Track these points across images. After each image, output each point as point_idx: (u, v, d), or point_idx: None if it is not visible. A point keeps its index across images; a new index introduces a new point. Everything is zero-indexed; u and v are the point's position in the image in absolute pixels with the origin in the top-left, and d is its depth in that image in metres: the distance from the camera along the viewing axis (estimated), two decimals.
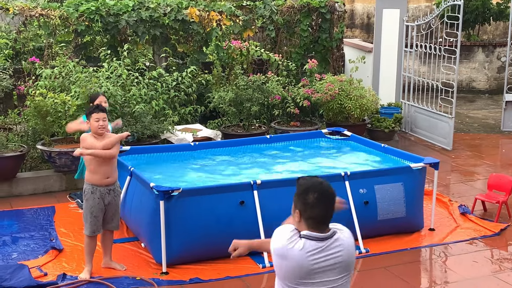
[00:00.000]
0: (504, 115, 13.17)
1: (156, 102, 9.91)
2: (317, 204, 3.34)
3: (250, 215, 6.82)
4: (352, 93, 11.33)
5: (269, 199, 6.93)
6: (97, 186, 6.35)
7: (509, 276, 6.62)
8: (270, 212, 6.86)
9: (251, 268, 6.68)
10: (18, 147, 9.28)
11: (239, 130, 10.85)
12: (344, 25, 13.23)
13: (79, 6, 11.02)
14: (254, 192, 6.88)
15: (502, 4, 17.17)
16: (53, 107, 9.11)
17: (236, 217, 6.79)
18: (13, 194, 9.05)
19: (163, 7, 11.41)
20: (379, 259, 6.98)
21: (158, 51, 11.88)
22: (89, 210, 6.38)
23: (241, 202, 6.82)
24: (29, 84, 9.92)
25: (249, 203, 6.85)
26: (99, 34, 11.22)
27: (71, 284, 6.31)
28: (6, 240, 7.36)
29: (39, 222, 8.01)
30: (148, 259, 6.91)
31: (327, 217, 3.39)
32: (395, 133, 12.01)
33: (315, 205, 3.34)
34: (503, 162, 11.08)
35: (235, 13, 11.90)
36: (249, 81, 11.04)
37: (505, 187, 8.40)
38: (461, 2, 11.41)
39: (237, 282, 6.40)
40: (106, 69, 9.85)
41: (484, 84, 17.45)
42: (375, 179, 7.43)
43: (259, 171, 8.07)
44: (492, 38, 19.32)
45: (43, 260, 6.84)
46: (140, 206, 7.03)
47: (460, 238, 7.60)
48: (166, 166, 8.29)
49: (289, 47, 12.95)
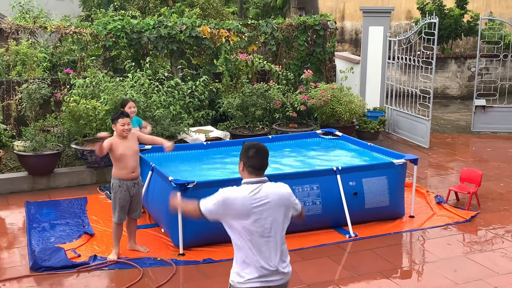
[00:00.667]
0: (474, 117, 13.15)
1: (173, 107, 9.93)
2: (255, 156, 3.92)
3: None
4: (342, 99, 11.32)
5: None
6: (124, 180, 6.36)
7: (478, 256, 6.62)
8: None
9: None
10: (55, 146, 9.31)
11: (245, 131, 10.85)
12: (335, 40, 13.21)
13: (107, 24, 11.05)
14: None
15: (472, 22, 17.15)
16: (85, 112, 9.13)
17: None
18: (51, 186, 9.07)
19: (179, 25, 11.43)
20: (366, 242, 6.98)
21: (175, 63, 11.90)
22: (117, 201, 6.39)
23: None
24: (64, 92, 9.92)
25: None
26: (124, 48, 11.24)
27: (101, 264, 6.33)
28: (45, 226, 7.40)
29: (73, 210, 8.05)
30: (167, 242, 6.93)
31: (263, 166, 3.97)
32: (379, 134, 12.00)
33: (253, 157, 3.91)
34: (473, 158, 11.07)
35: (241, 30, 11.92)
36: (254, 89, 11.04)
37: (475, 179, 8.40)
38: (437, 20, 11.40)
39: None
40: (131, 79, 9.88)
41: (457, 91, 17.42)
42: (362, 173, 7.43)
43: None
44: (463, 51, 19.28)
45: (77, 244, 6.87)
46: (160, 197, 7.05)
47: (436, 224, 7.60)
48: (182, 162, 8.31)
49: (288, 59, 12.94)
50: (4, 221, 7.81)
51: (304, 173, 7.22)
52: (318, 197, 7.12)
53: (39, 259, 6.29)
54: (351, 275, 6.15)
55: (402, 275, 6.16)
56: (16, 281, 5.97)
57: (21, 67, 10.95)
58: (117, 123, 6.29)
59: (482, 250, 6.83)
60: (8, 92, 10.47)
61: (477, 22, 16.72)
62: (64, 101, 9.44)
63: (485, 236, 7.26)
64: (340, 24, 20.91)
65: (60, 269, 6.17)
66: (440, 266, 6.39)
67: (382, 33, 12.66)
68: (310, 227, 7.15)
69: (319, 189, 7.13)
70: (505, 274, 6.15)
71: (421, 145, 11.79)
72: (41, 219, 7.66)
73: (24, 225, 7.53)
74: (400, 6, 20.49)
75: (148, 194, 7.41)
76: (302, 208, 4.25)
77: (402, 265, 6.49)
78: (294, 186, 7.04)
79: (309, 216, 7.03)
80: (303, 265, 6.36)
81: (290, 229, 7.07)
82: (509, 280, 5.91)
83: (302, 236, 7.04)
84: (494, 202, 8.50)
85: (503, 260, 6.52)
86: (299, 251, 6.68)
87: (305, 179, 7.12)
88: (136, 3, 19.75)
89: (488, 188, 9.02)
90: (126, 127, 6.29)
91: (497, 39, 14.42)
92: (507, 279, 5.99)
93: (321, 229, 7.22)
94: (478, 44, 12.99)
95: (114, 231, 6.52)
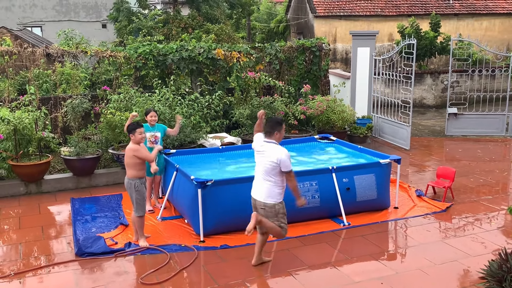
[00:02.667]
0: (447, 123, 13.07)
1: (194, 117, 9.94)
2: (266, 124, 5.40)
3: None
4: (336, 109, 11.30)
5: None
6: (142, 178, 6.40)
7: (452, 241, 6.57)
8: None
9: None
10: (95, 151, 9.33)
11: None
12: (329, 59, 13.19)
13: (138, 49, 11.09)
14: None
15: (444, 42, 17.09)
16: (119, 122, 9.15)
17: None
18: (91, 185, 9.10)
19: (198, 49, 11.44)
20: (358, 230, 6.95)
21: (195, 81, 11.92)
22: (144, 196, 6.41)
23: None
24: (102, 106, 9.98)
25: None
26: (152, 69, 11.26)
27: (135, 250, 6.34)
28: (88, 219, 7.41)
29: (111, 205, 8.06)
30: (190, 231, 6.92)
31: (266, 132, 5.52)
32: (367, 138, 11.96)
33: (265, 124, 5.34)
34: (447, 158, 11.01)
35: (250, 52, 11.92)
36: (261, 101, 11.03)
37: (449, 176, 8.36)
38: (415, 42, 11.37)
39: (255, 248, 6.39)
40: (157, 94, 9.89)
41: (432, 101, 17.34)
42: (354, 171, 7.41)
43: None
44: (437, 67, 19.23)
45: (114, 233, 6.88)
46: (183, 193, 7.05)
47: (417, 214, 7.56)
48: (202, 164, 8.30)
49: (289, 76, 12.93)
50: (52, 214, 7.83)
51: (305, 172, 7.20)
52: (317, 192, 7.10)
53: (83, 246, 6.31)
54: (345, 258, 6.12)
55: (388, 257, 6.13)
56: (64, 265, 5.99)
57: (66, 85, 11.00)
58: (135, 133, 6.29)
59: (456, 235, 6.78)
60: (55, 106, 10.52)
61: (449, 43, 16.67)
62: (102, 113, 9.48)
63: (458, 224, 7.21)
64: (333, 46, 20.89)
65: (100, 255, 6.18)
66: (421, 249, 6.35)
67: (368, 53, 12.63)
68: (310, 217, 7.14)
69: (317, 185, 7.11)
70: (476, 256, 6.10)
71: (403, 147, 11.73)
72: (84, 212, 7.68)
73: (69, 217, 7.55)
74: (383, 30, 20.49)
75: (173, 191, 7.41)
76: (291, 173, 5.40)
77: (388, 249, 6.45)
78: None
79: (308, 208, 7.03)
80: (304, 249, 6.34)
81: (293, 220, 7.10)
82: (480, 261, 5.86)
83: (303, 225, 7.02)
84: (466, 194, 8.45)
85: (474, 244, 6.47)
86: (300, 238, 6.67)
87: (306, 176, 7.10)
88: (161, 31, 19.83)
89: (460, 183, 8.97)
90: (143, 135, 6.38)
91: (466, 56, 14.37)
92: (478, 260, 5.95)
93: (320, 219, 7.20)
94: (450, 61, 12.93)
95: (142, 223, 6.49)
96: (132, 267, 5.95)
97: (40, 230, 7.08)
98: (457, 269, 5.79)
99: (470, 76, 14.55)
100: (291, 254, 6.20)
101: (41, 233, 6.96)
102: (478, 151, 11.41)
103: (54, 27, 26.46)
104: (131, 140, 6.35)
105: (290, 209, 6.95)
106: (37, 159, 8.90)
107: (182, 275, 5.71)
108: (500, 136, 12.75)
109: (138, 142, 6.32)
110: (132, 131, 6.30)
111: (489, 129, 12.87)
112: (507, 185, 9.04)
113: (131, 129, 6.33)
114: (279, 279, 5.59)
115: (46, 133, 9.21)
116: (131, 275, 5.72)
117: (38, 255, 6.27)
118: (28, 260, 6.13)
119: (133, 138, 6.31)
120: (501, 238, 6.67)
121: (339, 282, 5.49)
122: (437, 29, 17.28)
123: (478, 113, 13.01)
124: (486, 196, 8.37)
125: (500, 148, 11.79)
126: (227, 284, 5.47)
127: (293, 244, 6.51)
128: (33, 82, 10.61)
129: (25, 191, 8.70)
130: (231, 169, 8.02)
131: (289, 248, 6.36)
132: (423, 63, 17.86)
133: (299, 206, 5.58)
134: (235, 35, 20.18)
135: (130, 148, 6.33)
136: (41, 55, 10.76)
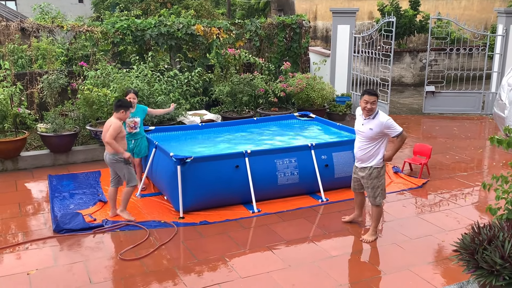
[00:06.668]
0: (424, 101, 13.21)
1: (173, 94, 9.84)
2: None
3: (243, 176, 6.84)
4: (315, 86, 11.31)
5: (256, 164, 6.94)
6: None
7: (428, 216, 6.71)
8: (257, 173, 6.90)
9: (244, 213, 6.72)
10: (73, 128, 9.21)
11: (233, 114, 10.81)
12: (309, 37, 13.14)
13: (115, 24, 10.87)
14: (246, 159, 6.89)
15: (423, 21, 17.17)
16: (97, 98, 9.03)
17: (233, 177, 6.80)
18: (69, 162, 9.01)
19: (177, 24, 11.27)
20: (335, 206, 7.03)
21: (174, 57, 11.77)
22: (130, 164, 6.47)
23: (236, 166, 6.83)
24: (79, 82, 9.81)
25: (242, 167, 6.86)
26: (130, 44, 11.07)
27: (113, 226, 6.32)
28: (65, 195, 7.36)
29: (89, 182, 8.00)
30: (169, 207, 6.93)
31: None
32: (346, 115, 12.03)
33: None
34: (424, 135, 11.15)
35: (230, 29, 11.79)
36: (241, 78, 10.97)
37: (425, 153, 8.48)
38: (394, 20, 11.39)
39: (234, 223, 6.44)
40: (135, 70, 9.76)
41: (410, 79, 17.47)
42: (332, 148, 7.47)
43: (248, 143, 8.08)
44: (416, 46, 19.33)
45: (93, 210, 6.85)
46: (163, 170, 7.03)
47: (394, 190, 7.67)
48: (181, 141, 8.27)
49: (269, 53, 12.85)
50: (30, 191, 7.74)
51: (284, 149, 7.23)
52: (296, 168, 7.14)
53: (61, 222, 6.27)
54: (323, 233, 6.20)
55: (365, 232, 6.22)
56: (42, 242, 5.95)
57: (42, 60, 10.77)
58: (120, 111, 6.32)
59: (431, 211, 6.91)
60: (31, 82, 10.30)
61: (428, 21, 16.76)
62: (79, 89, 9.32)
63: (434, 200, 7.35)
64: (313, 23, 20.80)
65: (79, 231, 6.16)
66: (397, 224, 6.46)
67: (348, 30, 12.62)
68: (289, 193, 7.20)
69: (296, 162, 7.15)
70: (451, 231, 6.25)
71: None
72: (61, 189, 7.62)
73: (47, 194, 7.48)
74: (364, 8, 20.46)
75: (152, 167, 7.38)
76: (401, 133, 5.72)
77: (366, 224, 6.55)
78: (275, 159, 7.06)
79: (288, 185, 7.08)
80: (283, 225, 6.40)
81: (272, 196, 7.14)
82: (454, 236, 5.99)
83: (282, 201, 7.08)
84: (441, 171, 8.60)
85: (448, 219, 6.62)
86: (279, 213, 6.73)
87: (285, 153, 7.13)
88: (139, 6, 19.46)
89: (436, 160, 9.12)
90: (127, 116, 6.43)
91: (445, 35, 14.46)
92: (452, 234, 6.08)
93: (298, 195, 7.26)
94: (429, 40, 13.01)
95: (129, 195, 6.53)
96: (111, 243, 5.94)
97: (17, 207, 7.00)
98: (431, 243, 5.92)
99: (448, 54, 14.67)
100: (270, 230, 6.26)
101: (18, 210, 6.88)
102: (454, 129, 11.59)
103: (29, 1, 25.71)
104: (114, 114, 6.35)
105: (269, 186, 7.04)
106: (12, 135, 8.76)
107: (161, 251, 5.72)
108: (476, 114, 12.95)
109: (124, 120, 6.39)
110: (118, 108, 6.31)
111: (466, 107, 13.05)
112: (482, 162, 9.22)
113: (118, 106, 6.33)
114: (258, 254, 5.65)
115: (22, 109, 9.04)
116: (110, 251, 5.71)
117: (16, 232, 6.21)
118: (5, 237, 6.07)
119: (120, 116, 6.34)
120: (474, 213, 6.83)
121: (317, 257, 5.57)
122: (416, 7, 17.32)
123: (455, 91, 13.16)
124: (462, 172, 8.53)
125: (476, 126, 11.98)
126: (206, 259, 5.51)
127: (272, 219, 6.57)
128: (7, 57, 10.36)
129: (1, 168, 8.57)
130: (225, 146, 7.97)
131: (268, 224, 6.42)
132: (402, 41, 17.92)
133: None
134: (215, 11, 19.94)
135: (109, 120, 6.34)
136: (15, 29, 10.49)
